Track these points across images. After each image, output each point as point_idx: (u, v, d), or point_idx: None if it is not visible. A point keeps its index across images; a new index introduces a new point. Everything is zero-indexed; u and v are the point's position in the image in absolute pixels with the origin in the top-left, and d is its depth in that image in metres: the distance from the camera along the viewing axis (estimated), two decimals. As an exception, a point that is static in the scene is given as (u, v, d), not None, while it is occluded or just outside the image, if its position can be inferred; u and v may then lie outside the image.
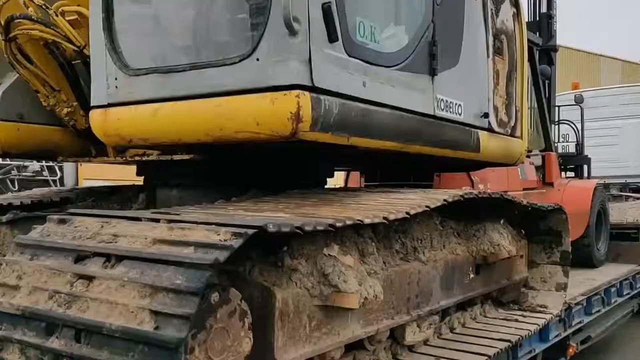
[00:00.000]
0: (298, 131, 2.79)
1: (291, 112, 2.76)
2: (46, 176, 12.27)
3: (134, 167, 4.31)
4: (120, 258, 2.27)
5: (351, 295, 2.60)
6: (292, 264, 2.60)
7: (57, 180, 12.27)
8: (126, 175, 5.08)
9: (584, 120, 9.82)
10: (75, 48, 3.66)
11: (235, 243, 2.11)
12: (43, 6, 3.58)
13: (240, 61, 2.89)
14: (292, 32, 2.75)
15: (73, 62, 3.89)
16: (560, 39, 8.69)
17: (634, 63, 31.04)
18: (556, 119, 9.03)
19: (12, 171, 11.95)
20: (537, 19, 8.13)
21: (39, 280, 2.37)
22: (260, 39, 2.84)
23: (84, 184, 11.71)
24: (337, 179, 5.62)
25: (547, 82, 8.13)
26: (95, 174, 10.75)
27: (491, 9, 4.41)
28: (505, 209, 4.27)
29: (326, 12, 2.87)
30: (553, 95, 8.45)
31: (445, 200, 3.28)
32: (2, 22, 3.64)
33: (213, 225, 2.27)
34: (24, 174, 12.04)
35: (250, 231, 2.16)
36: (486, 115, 4.33)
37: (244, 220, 2.34)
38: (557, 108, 8.98)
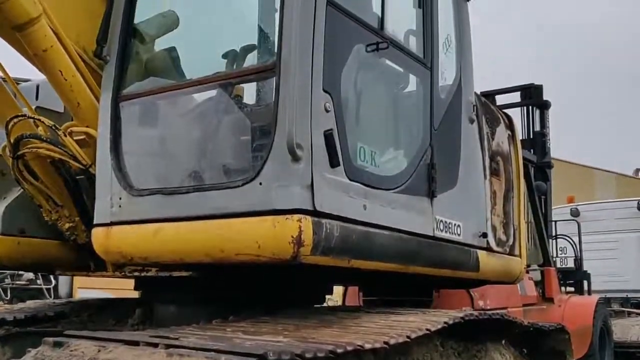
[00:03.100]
0: (299, 255, 2.80)
1: (292, 236, 2.78)
2: (40, 285, 12.09)
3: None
4: (116, 386, 2.22)
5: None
6: (290, 388, 2.53)
7: (52, 289, 12.09)
8: (121, 285, 5.04)
9: (582, 233, 9.86)
10: (82, 167, 3.72)
11: (235, 373, 2.08)
12: (53, 127, 3.68)
13: (243, 185, 2.95)
14: (295, 158, 2.82)
15: (77, 178, 3.95)
16: (554, 152, 8.88)
17: (628, 176, 31.55)
18: (553, 234, 9.07)
19: (6, 280, 11.80)
20: (532, 137, 8.36)
21: (28, 409, 2.31)
22: (263, 164, 2.90)
23: (79, 293, 11.55)
24: (335, 291, 5.55)
25: (543, 197, 8.25)
26: (90, 283, 10.63)
27: (487, 132, 4.55)
28: (506, 329, 4.21)
29: (328, 138, 2.96)
30: (549, 210, 8.56)
31: (445, 322, 3.25)
32: (12, 141, 3.73)
33: (212, 352, 2.24)
34: (17, 282, 11.87)
35: (251, 360, 2.13)
36: (485, 235, 4.37)
37: (243, 346, 2.31)
38: (553, 223, 9.05)
